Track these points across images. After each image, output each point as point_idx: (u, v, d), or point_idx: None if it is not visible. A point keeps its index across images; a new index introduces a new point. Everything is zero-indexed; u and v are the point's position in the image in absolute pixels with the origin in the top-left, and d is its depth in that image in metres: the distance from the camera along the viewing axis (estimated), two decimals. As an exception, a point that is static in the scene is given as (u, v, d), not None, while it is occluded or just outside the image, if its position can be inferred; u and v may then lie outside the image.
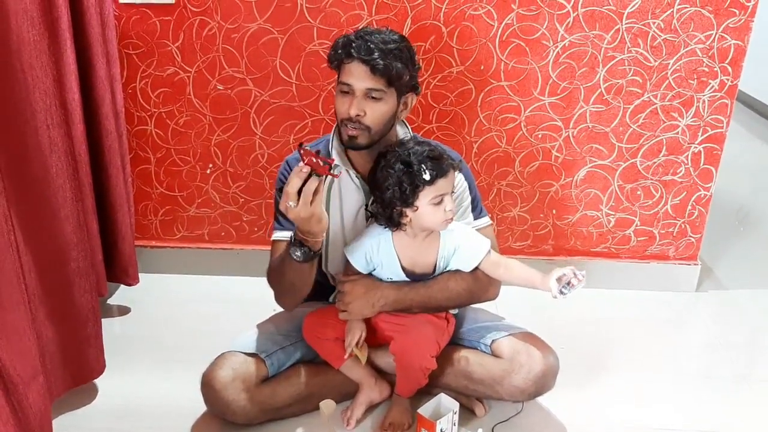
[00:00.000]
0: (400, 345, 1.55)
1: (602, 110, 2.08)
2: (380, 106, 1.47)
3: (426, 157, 1.42)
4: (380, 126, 1.49)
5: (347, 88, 1.47)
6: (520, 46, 2.01)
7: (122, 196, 1.98)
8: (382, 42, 1.44)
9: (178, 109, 2.13)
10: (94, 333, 1.68)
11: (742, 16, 1.95)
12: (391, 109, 1.49)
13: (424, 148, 1.45)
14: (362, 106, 1.46)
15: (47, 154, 1.47)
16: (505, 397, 1.62)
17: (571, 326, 2.05)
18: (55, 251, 1.54)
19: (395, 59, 1.44)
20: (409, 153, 1.43)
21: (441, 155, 1.45)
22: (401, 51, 1.46)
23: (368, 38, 1.44)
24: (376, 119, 1.47)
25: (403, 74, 1.46)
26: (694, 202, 2.20)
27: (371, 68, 1.42)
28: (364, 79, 1.44)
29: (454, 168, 1.47)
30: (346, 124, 1.48)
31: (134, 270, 2.08)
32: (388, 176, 1.43)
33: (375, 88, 1.45)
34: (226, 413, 1.56)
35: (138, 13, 2.00)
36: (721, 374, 1.91)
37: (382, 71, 1.43)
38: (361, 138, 1.49)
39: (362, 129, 1.47)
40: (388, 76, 1.44)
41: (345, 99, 1.48)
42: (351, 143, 1.51)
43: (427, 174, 1.41)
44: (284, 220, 1.58)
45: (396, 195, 1.43)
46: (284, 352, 1.64)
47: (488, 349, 1.64)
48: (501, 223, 2.24)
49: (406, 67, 1.47)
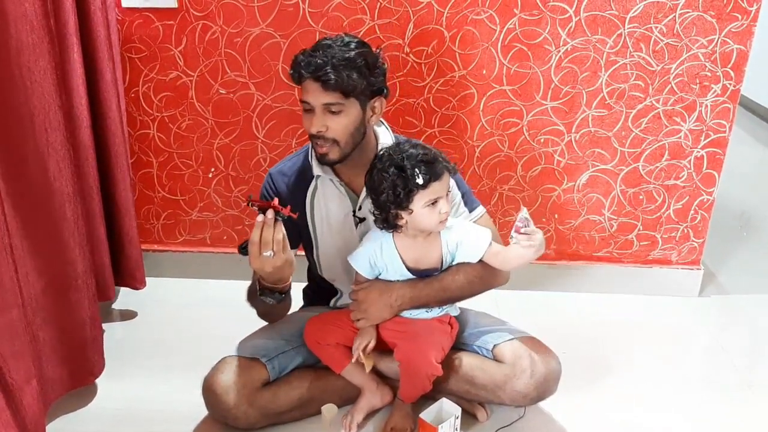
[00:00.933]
0: (405, 352, 1.55)
1: (604, 115, 2.08)
2: (341, 119, 1.46)
3: (419, 161, 1.42)
4: (347, 137, 1.48)
5: (308, 106, 1.47)
6: (522, 50, 2.01)
7: (129, 200, 1.99)
8: (332, 56, 1.42)
9: (180, 113, 2.13)
10: (92, 336, 1.68)
11: (745, 21, 1.95)
12: (355, 118, 1.48)
13: (418, 151, 1.44)
14: (323, 121, 1.45)
15: (45, 158, 1.47)
16: (507, 401, 1.62)
17: (574, 331, 2.05)
18: (53, 254, 1.54)
19: (348, 69, 1.42)
20: (403, 157, 1.43)
21: (435, 158, 1.44)
22: (354, 60, 1.43)
23: (318, 54, 1.43)
24: (339, 132, 1.47)
25: (359, 83, 1.44)
26: (697, 207, 2.19)
27: (322, 84, 1.42)
28: (319, 95, 1.43)
29: (448, 171, 1.46)
30: (314, 141, 1.50)
31: (141, 274, 2.09)
32: (382, 180, 1.43)
33: (331, 102, 1.44)
34: (228, 418, 1.56)
35: (141, 18, 2.01)
36: (723, 379, 1.90)
37: (334, 85, 1.41)
38: (332, 154, 1.49)
39: (329, 144, 1.48)
40: (342, 89, 1.42)
41: (308, 116, 1.48)
42: (323, 160, 1.52)
43: (420, 178, 1.40)
44: None
45: (390, 198, 1.43)
46: (285, 357, 1.64)
47: (490, 353, 1.63)
48: (503, 228, 2.24)
49: (362, 75, 1.44)
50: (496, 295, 2.15)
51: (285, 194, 1.59)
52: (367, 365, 1.56)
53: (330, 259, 1.64)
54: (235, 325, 1.70)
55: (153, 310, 2.15)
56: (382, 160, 1.46)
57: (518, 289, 2.25)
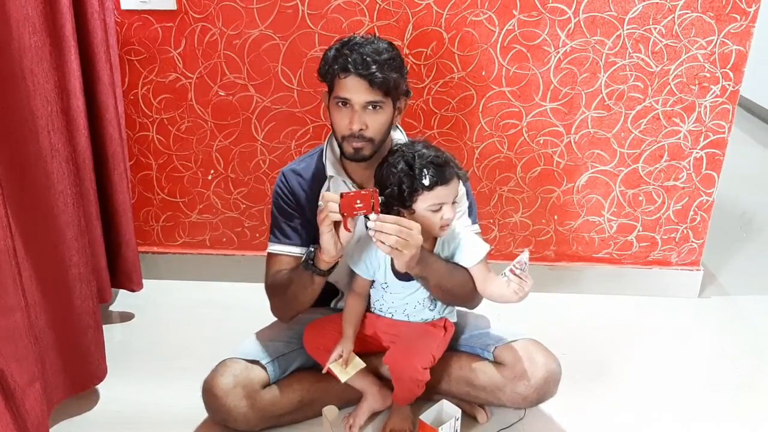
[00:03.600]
0: (393, 356, 1.54)
1: (604, 116, 2.08)
2: (380, 117, 1.46)
3: (430, 162, 1.40)
4: (382, 135, 1.49)
5: (345, 102, 1.45)
6: (521, 51, 2.01)
7: (126, 202, 1.98)
8: (376, 53, 1.42)
9: (179, 115, 2.13)
10: (95, 339, 1.68)
11: (743, 22, 1.95)
12: (390, 117, 1.49)
13: (430, 152, 1.43)
14: (363, 119, 1.44)
15: (48, 160, 1.47)
16: (507, 404, 1.62)
17: (573, 333, 2.05)
18: (56, 257, 1.54)
19: (391, 70, 1.43)
20: (414, 155, 1.41)
21: (446, 162, 1.43)
22: (394, 60, 1.45)
23: (362, 50, 1.42)
24: (377, 130, 1.47)
25: (400, 83, 1.47)
26: (696, 208, 2.19)
27: (370, 82, 1.41)
28: (363, 92, 1.42)
29: (459, 178, 1.45)
30: (348, 138, 1.48)
31: (138, 276, 2.09)
32: (390, 175, 1.42)
33: (375, 101, 1.44)
34: (228, 420, 1.56)
35: (140, 20, 2.01)
36: (724, 381, 1.90)
37: (381, 83, 1.41)
38: (366, 149, 1.48)
39: (366, 141, 1.47)
40: (386, 88, 1.43)
41: (343, 113, 1.46)
42: (356, 156, 1.50)
43: (426, 179, 1.39)
44: (280, 234, 1.61)
45: (394, 194, 1.41)
46: (285, 359, 1.63)
47: (490, 355, 1.63)
48: (503, 229, 2.24)
49: (401, 75, 1.46)
50: (495, 296, 2.16)
51: (298, 193, 1.59)
52: (340, 376, 1.53)
53: None
54: (235, 327, 1.71)
55: (153, 313, 2.15)
56: (394, 155, 1.45)
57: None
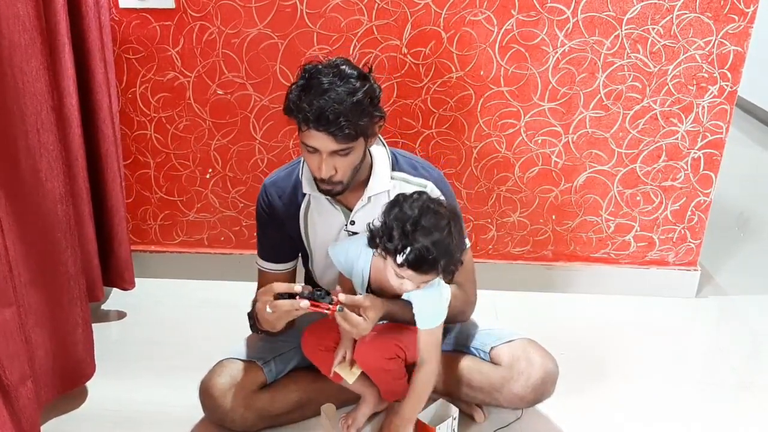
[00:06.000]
0: (359, 349, 1.51)
1: (602, 116, 2.08)
2: (351, 158, 1.39)
3: (418, 248, 1.30)
4: (352, 172, 1.44)
5: (312, 149, 1.38)
6: (519, 51, 2.01)
7: (119, 201, 1.98)
8: (338, 101, 1.30)
9: (177, 113, 2.13)
10: (83, 338, 1.68)
11: (742, 22, 1.95)
12: (361, 153, 1.43)
13: (434, 236, 1.31)
14: (332, 164, 1.38)
15: (37, 158, 1.47)
16: (504, 404, 1.62)
17: (571, 333, 2.05)
18: (45, 255, 1.54)
19: (357, 116, 1.32)
20: (416, 228, 1.31)
21: (434, 260, 1.31)
22: (360, 103, 1.33)
23: (322, 102, 1.30)
24: (346, 170, 1.41)
25: (369, 125, 1.37)
26: (694, 208, 2.19)
27: (334, 136, 1.33)
28: (329, 143, 1.34)
29: (436, 273, 1.35)
30: (318, 180, 1.44)
31: (130, 274, 2.08)
32: (385, 222, 1.36)
33: (342, 149, 1.36)
34: (225, 420, 1.56)
35: (138, 18, 2.00)
36: (721, 380, 1.90)
37: (345, 136, 1.33)
38: (337, 188, 1.44)
39: (335, 184, 1.43)
40: (353, 137, 1.35)
41: (312, 158, 1.39)
42: (328, 194, 1.47)
43: (401, 258, 1.32)
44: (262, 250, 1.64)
45: (380, 237, 1.36)
46: (282, 359, 1.64)
47: (487, 356, 1.63)
48: (500, 229, 2.24)
49: (369, 116, 1.37)
50: (493, 296, 2.17)
51: (279, 208, 1.57)
52: (347, 377, 1.52)
53: (325, 270, 1.63)
54: (232, 327, 1.70)
55: (149, 311, 2.15)
56: (402, 207, 1.35)
57: (515, 290, 2.26)
